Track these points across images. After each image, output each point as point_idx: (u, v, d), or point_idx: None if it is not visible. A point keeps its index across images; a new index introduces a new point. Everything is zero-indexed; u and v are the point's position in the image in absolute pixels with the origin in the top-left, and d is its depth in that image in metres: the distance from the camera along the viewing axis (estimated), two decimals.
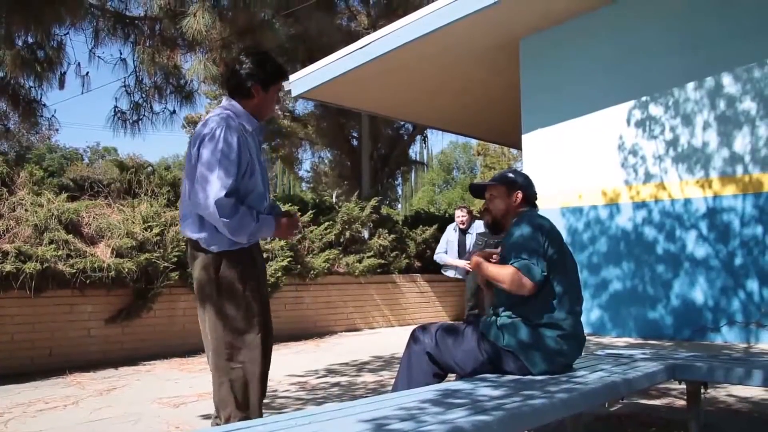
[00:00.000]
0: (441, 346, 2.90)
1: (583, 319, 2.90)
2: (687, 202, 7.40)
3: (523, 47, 8.68)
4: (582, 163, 8.17)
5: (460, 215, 8.43)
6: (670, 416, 3.85)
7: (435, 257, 8.65)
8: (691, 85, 7.45)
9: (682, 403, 4.00)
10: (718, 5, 7.32)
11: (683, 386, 3.50)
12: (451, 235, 8.47)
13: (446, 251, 8.41)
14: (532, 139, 8.58)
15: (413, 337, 3.00)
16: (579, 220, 8.14)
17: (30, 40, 10.40)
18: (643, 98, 7.77)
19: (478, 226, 8.28)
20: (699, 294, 7.23)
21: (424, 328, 3.02)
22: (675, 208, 7.48)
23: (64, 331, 6.15)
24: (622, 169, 7.90)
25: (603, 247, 7.94)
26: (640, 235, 7.68)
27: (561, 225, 8.25)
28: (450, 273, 8.53)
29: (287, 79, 2.85)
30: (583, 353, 3.07)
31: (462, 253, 8.23)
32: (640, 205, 7.73)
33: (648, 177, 7.70)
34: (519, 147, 9.50)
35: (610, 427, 3.67)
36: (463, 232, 8.36)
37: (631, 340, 7.31)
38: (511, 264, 2.80)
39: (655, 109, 7.70)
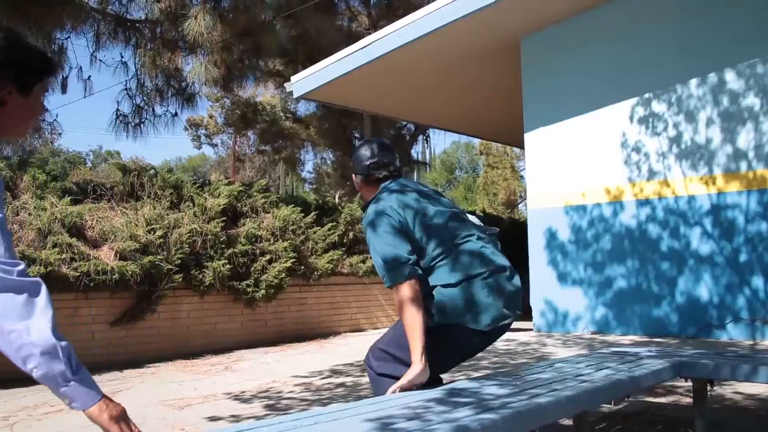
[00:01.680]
0: (387, 359, 2.66)
1: (587, 316, 2.80)
2: (691, 199, 7.38)
3: (524, 46, 8.67)
4: (585, 161, 8.15)
5: None
6: (676, 414, 3.84)
7: None
8: (694, 82, 7.43)
9: (688, 400, 3.99)
10: (723, 1, 7.30)
11: (689, 384, 3.49)
12: None
13: None
14: (535, 137, 8.57)
15: (366, 364, 2.76)
16: (582, 218, 8.13)
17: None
18: (646, 95, 7.76)
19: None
20: (704, 291, 7.21)
21: (372, 351, 2.74)
22: (679, 205, 7.46)
23: (68, 334, 6.08)
24: (625, 166, 7.88)
25: (607, 245, 7.92)
26: (644, 233, 7.67)
27: (564, 223, 8.24)
28: None
29: (55, 73, 1.91)
30: (587, 351, 3.03)
31: None
32: (643, 203, 7.71)
33: (651, 174, 7.68)
34: (521, 146, 9.49)
35: (615, 425, 3.65)
36: None
37: (636, 338, 7.29)
38: (387, 284, 2.51)
39: (658, 106, 7.69)
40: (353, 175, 2.88)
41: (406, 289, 2.45)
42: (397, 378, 2.52)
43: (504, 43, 8.86)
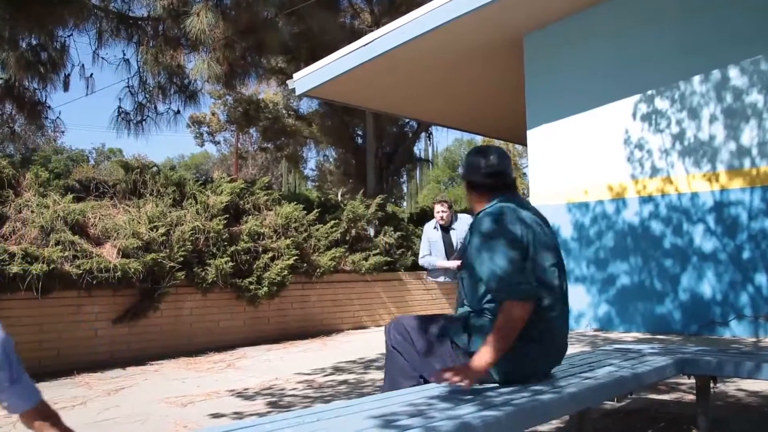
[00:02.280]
0: (406, 339, 2.59)
1: (590, 313, 2.77)
2: (694, 195, 7.36)
3: (527, 43, 8.65)
4: (588, 158, 8.13)
5: (441, 210, 7.50)
6: (679, 411, 3.83)
7: (420, 261, 7.74)
8: (697, 78, 7.41)
9: (691, 397, 3.98)
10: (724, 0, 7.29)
11: (692, 381, 3.48)
12: (432, 234, 7.62)
13: (430, 253, 7.57)
14: (538, 134, 8.55)
15: (387, 336, 2.67)
16: (585, 215, 8.11)
17: (34, 41, 10.44)
18: (649, 92, 7.74)
19: (466, 219, 7.63)
20: (707, 288, 7.19)
21: (396, 324, 2.65)
22: (682, 202, 7.45)
23: (72, 332, 6.16)
24: (628, 163, 7.86)
25: (610, 242, 7.91)
26: (647, 230, 7.65)
27: (567, 220, 8.23)
28: (440, 278, 7.69)
29: None
30: (590, 348, 3.03)
31: (449, 253, 7.48)
32: (646, 200, 7.70)
33: (654, 171, 7.67)
34: (524, 143, 9.47)
35: (618, 422, 3.65)
36: (446, 230, 7.58)
37: (639, 335, 7.29)
38: (500, 297, 2.35)
39: (661, 103, 7.67)
40: (465, 182, 2.69)
41: (519, 309, 2.32)
42: (406, 359, 2.55)
43: (507, 41, 8.84)
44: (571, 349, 5.87)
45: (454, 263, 7.54)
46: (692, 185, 7.39)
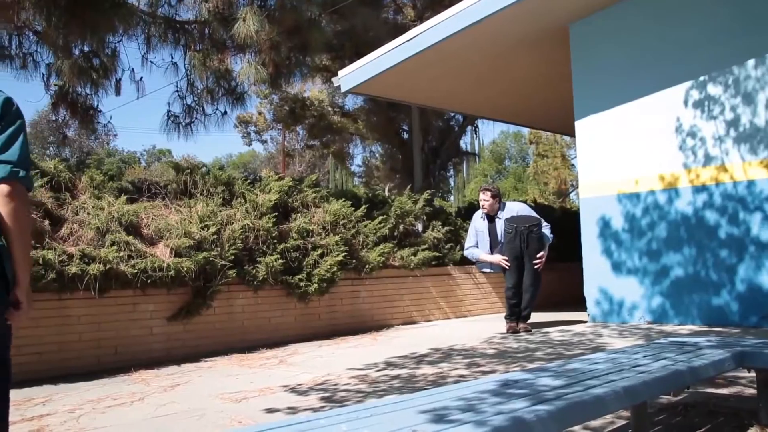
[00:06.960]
0: None
1: (643, 305, 2.64)
2: (750, 183, 7.15)
3: (572, 32, 8.52)
4: (638, 148, 7.98)
5: (483, 198, 7.53)
6: (739, 405, 3.73)
7: (465, 252, 7.88)
8: (751, 63, 7.20)
9: (751, 391, 3.88)
10: None
11: (752, 374, 3.39)
12: (479, 224, 7.67)
13: (476, 244, 7.65)
14: (586, 125, 8.42)
15: None
16: (636, 206, 7.96)
17: (86, 49, 10.74)
18: (701, 78, 7.54)
19: (510, 210, 7.61)
20: (766, 278, 6.99)
21: None
22: (738, 191, 7.24)
23: (128, 330, 6.32)
24: (680, 152, 7.68)
25: (662, 233, 7.75)
26: (701, 220, 7.47)
27: (618, 211, 8.09)
28: (486, 269, 7.80)
29: None
30: (644, 341, 2.97)
31: (494, 243, 7.54)
32: (700, 189, 7.51)
33: (708, 159, 7.47)
34: (572, 134, 9.34)
35: (675, 416, 3.58)
36: (491, 219, 7.59)
37: (695, 328, 7.12)
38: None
39: (714, 89, 7.47)
40: None
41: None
42: None
43: (552, 31, 8.72)
44: (624, 342, 5.79)
45: (496, 258, 7.45)
46: (748, 173, 7.18)
